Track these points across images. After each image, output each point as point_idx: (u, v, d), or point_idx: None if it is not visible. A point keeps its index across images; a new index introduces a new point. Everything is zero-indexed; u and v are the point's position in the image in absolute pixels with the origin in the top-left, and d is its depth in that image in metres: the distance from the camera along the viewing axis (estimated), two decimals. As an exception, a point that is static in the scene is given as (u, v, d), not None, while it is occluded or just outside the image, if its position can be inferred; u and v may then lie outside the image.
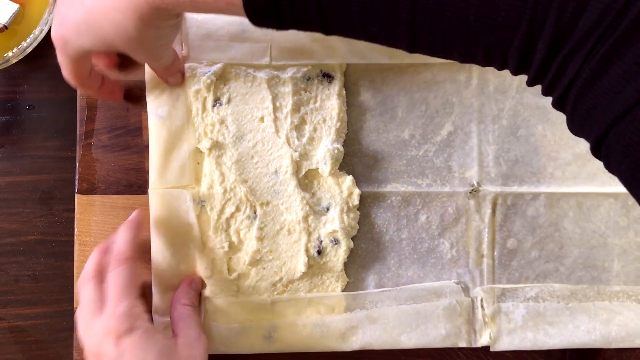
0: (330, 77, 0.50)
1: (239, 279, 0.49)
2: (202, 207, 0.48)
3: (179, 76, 0.48)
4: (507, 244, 0.51)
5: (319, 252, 0.49)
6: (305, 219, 0.48)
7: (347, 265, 0.50)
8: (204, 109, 0.48)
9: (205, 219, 0.48)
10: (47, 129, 0.53)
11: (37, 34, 0.50)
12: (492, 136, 0.51)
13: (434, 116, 0.51)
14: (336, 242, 0.49)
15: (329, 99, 0.50)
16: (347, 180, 0.49)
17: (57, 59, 0.41)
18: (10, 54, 0.50)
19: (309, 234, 0.48)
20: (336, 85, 0.50)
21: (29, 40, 0.50)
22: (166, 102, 0.48)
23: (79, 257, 0.49)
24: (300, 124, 0.49)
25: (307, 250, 0.48)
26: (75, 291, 0.49)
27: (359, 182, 0.50)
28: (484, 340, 0.49)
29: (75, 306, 0.49)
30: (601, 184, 0.51)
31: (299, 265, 0.48)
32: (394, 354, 0.50)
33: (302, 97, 0.49)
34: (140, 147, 0.50)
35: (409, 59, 0.50)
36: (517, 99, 0.51)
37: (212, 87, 0.48)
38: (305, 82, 0.50)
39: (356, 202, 0.49)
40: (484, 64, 0.35)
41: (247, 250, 0.48)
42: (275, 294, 0.49)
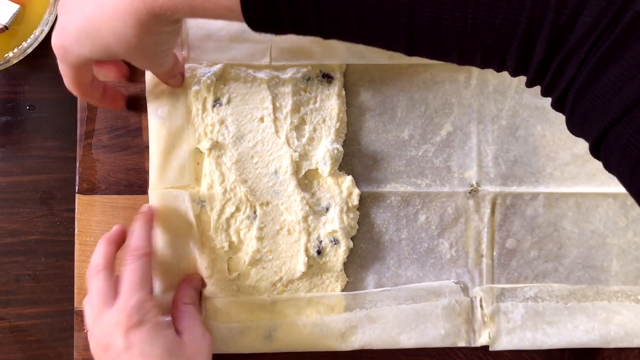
0: (329, 77, 0.50)
1: (239, 278, 0.49)
2: (202, 207, 0.48)
3: (180, 78, 0.48)
4: (506, 244, 0.51)
5: (319, 252, 0.49)
6: (305, 219, 0.48)
7: (346, 265, 0.50)
8: (204, 109, 0.48)
9: (205, 219, 0.48)
10: (47, 129, 0.53)
11: (37, 34, 0.50)
12: (492, 136, 0.51)
13: (433, 116, 0.51)
14: (336, 242, 0.49)
15: (329, 100, 0.50)
16: (347, 180, 0.49)
17: (57, 60, 0.41)
18: (10, 55, 0.50)
19: (309, 234, 0.49)
20: (336, 85, 0.50)
21: (29, 40, 0.50)
22: (166, 103, 0.48)
23: (79, 257, 0.49)
24: (300, 124, 0.49)
25: (306, 250, 0.48)
26: (75, 288, 0.49)
27: (358, 182, 0.50)
28: (483, 339, 0.49)
29: (75, 306, 0.49)
30: (600, 184, 0.51)
31: (299, 265, 0.48)
32: (393, 353, 0.50)
33: (301, 98, 0.50)
34: (140, 147, 0.50)
35: (408, 59, 0.50)
36: (516, 100, 0.51)
37: (212, 88, 0.48)
38: (305, 83, 0.50)
39: (356, 202, 0.49)
40: (483, 66, 0.35)
41: (247, 250, 0.48)
42: (275, 293, 0.49)
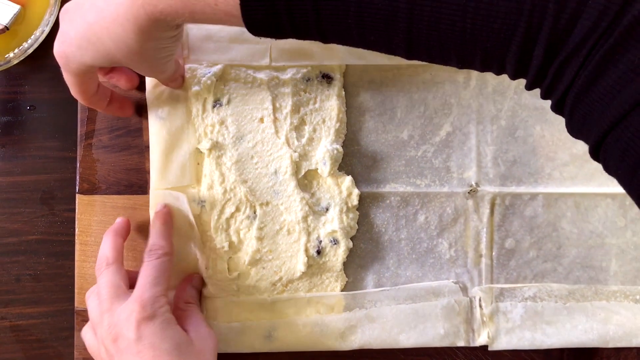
0: (329, 78, 0.50)
1: (239, 278, 0.49)
2: (202, 207, 0.48)
3: (180, 80, 0.48)
4: (505, 244, 0.51)
5: (319, 252, 0.49)
6: (304, 219, 0.48)
7: (346, 265, 0.50)
8: (204, 109, 0.48)
9: (205, 219, 0.48)
10: (48, 129, 0.53)
11: (38, 34, 0.50)
12: (491, 137, 0.51)
13: (432, 117, 0.51)
14: (335, 242, 0.49)
15: (329, 100, 0.50)
16: (347, 180, 0.49)
17: (61, 68, 0.41)
18: (11, 55, 0.50)
19: (309, 234, 0.49)
20: (335, 86, 0.50)
21: (30, 41, 0.50)
22: (166, 103, 0.48)
23: (79, 256, 0.49)
24: (299, 125, 0.50)
25: (306, 250, 0.49)
26: (75, 287, 0.49)
27: (358, 182, 0.50)
28: (482, 339, 0.50)
29: (76, 306, 0.49)
30: (599, 185, 0.51)
31: (299, 265, 0.49)
32: (392, 353, 0.50)
33: (301, 98, 0.50)
34: (140, 147, 0.50)
35: (407, 60, 0.50)
36: (515, 100, 0.52)
37: (212, 88, 0.48)
38: (304, 83, 0.50)
39: (355, 202, 0.50)
40: (482, 70, 0.35)
41: (247, 250, 0.49)
42: (275, 293, 0.49)
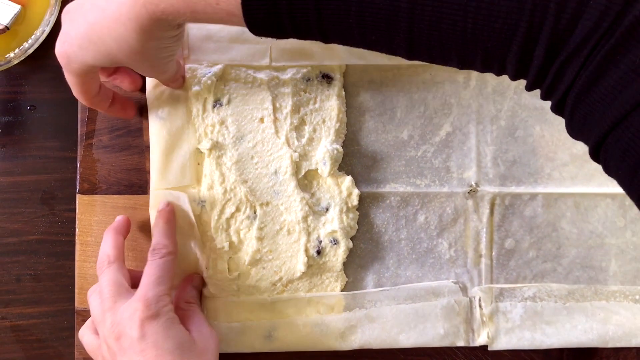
0: (329, 78, 0.50)
1: (239, 278, 0.49)
2: (203, 207, 0.48)
3: (181, 81, 0.48)
4: (505, 244, 0.51)
5: (319, 252, 0.49)
6: (304, 219, 0.49)
7: (346, 265, 0.50)
8: (204, 109, 0.49)
9: (205, 219, 0.48)
10: (48, 129, 0.53)
11: (38, 34, 0.50)
12: (490, 137, 0.51)
13: (432, 117, 0.51)
14: (335, 242, 0.49)
15: (329, 100, 0.50)
16: (347, 180, 0.49)
17: (58, 60, 0.41)
18: (11, 55, 0.50)
19: (309, 234, 0.49)
20: (335, 86, 0.50)
21: (30, 41, 0.50)
22: (167, 103, 0.48)
23: (80, 256, 0.49)
24: (299, 125, 0.50)
25: (306, 250, 0.49)
26: (76, 287, 0.49)
27: (358, 182, 0.50)
28: (481, 339, 0.50)
29: (76, 305, 0.49)
30: (598, 185, 0.51)
31: (299, 265, 0.49)
32: (392, 353, 0.50)
33: (301, 98, 0.50)
34: (141, 147, 0.50)
35: (407, 60, 0.50)
36: (515, 100, 0.52)
37: (213, 88, 0.48)
38: (304, 83, 0.50)
39: (355, 202, 0.50)
40: (483, 70, 0.35)
41: (247, 250, 0.49)
42: (275, 293, 0.49)
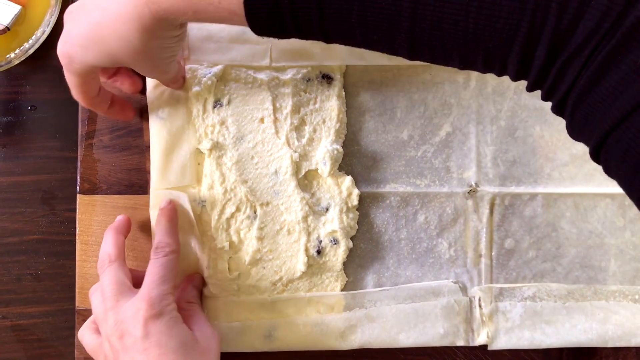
0: (329, 78, 0.50)
1: (239, 278, 0.49)
2: (203, 207, 0.49)
3: (182, 81, 0.48)
4: (505, 243, 0.51)
5: (319, 251, 0.49)
6: (304, 219, 0.49)
7: (346, 264, 0.50)
8: (204, 110, 0.49)
9: (206, 219, 0.49)
10: (48, 129, 0.53)
11: (39, 35, 0.50)
12: (490, 137, 0.51)
13: (432, 117, 0.51)
14: (335, 242, 0.49)
15: (329, 100, 0.50)
16: (347, 180, 0.49)
17: (58, 60, 0.41)
18: (12, 55, 0.50)
19: (309, 234, 0.49)
20: (336, 86, 0.50)
21: (30, 41, 0.50)
22: (167, 103, 0.49)
23: (80, 256, 0.50)
24: (300, 125, 0.50)
25: (306, 250, 0.49)
26: (76, 287, 0.49)
27: (358, 182, 0.50)
28: (481, 339, 0.50)
29: (77, 305, 0.49)
30: (598, 185, 0.51)
31: (299, 264, 0.49)
32: (392, 352, 0.50)
33: (301, 98, 0.50)
34: (141, 147, 0.51)
35: (408, 60, 0.50)
36: (514, 100, 0.52)
37: (213, 89, 0.48)
38: (305, 84, 0.50)
39: (355, 202, 0.50)
40: (484, 71, 0.35)
41: (248, 249, 0.49)
42: (275, 293, 0.49)
